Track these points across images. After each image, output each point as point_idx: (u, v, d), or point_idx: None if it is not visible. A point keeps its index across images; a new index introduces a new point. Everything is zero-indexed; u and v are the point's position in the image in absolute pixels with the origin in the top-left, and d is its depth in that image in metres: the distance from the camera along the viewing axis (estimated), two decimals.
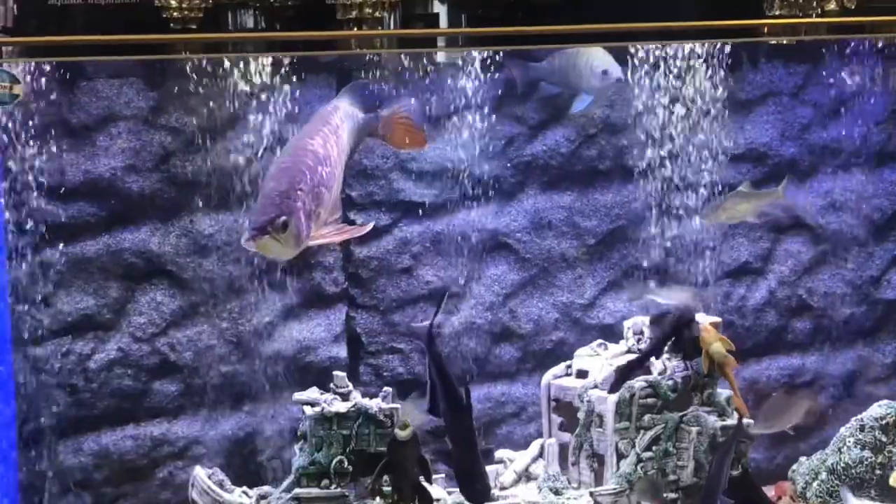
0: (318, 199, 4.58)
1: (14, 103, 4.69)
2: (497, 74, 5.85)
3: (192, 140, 5.51)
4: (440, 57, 5.72)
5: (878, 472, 5.92)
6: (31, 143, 5.23)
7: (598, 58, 5.73)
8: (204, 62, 5.32)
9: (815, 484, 5.98)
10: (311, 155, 4.61)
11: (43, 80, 5.17)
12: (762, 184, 6.33)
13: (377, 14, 4.59)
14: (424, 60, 5.66)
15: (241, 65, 5.36)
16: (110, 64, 5.31)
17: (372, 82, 5.49)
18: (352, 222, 5.80)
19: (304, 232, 4.51)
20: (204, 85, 5.42)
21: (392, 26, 4.71)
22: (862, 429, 6.00)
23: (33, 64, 4.98)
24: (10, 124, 5.15)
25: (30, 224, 5.30)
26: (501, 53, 5.76)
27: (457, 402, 5.22)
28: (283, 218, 4.40)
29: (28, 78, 5.03)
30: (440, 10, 4.92)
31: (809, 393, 6.38)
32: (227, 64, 5.36)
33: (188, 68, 5.37)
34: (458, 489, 5.44)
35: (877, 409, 6.04)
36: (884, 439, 5.96)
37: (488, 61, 5.78)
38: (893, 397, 6.17)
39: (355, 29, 4.63)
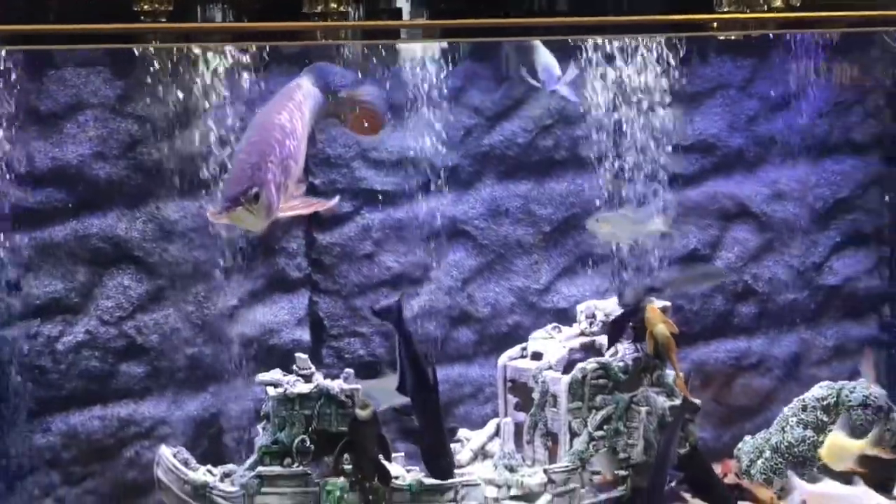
0: (286, 172, 4.61)
1: None
2: (456, 66, 5.88)
3: (159, 128, 5.51)
4: (402, 49, 5.75)
5: (816, 450, 5.98)
6: (1, 129, 5.21)
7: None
8: (171, 52, 5.33)
9: (759, 462, 6.10)
10: (278, 129, 4.62)
11: (11, 68, 5.16)
12: (708, 175, 6.45)
13: (342, 8, 4.59)
14: (386, 52, 5.70)
15: (208, 55, 5.37)
16: (78, 53, 5.30)
17: (333, 65, 5.45)
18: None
19: (275, 203, 4.52)
20: (171, 75, 5.42)
21: (356, 20, 4.74)
22: (804, 409, 6.11)
23: (3, 52, 4.98)
24: None
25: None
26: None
27: (424, 381, 5.26)
28: (255, 189, 4.41)
29: None
30: (403, 5, 4.91)
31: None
32: (193, 54, 5.37)
33: (156, 58, 5.37)
34: (417, 467, 5.52)
35: (818, 391, 6.17)
36: (825, 419, 6.06)
37: (448, 54, 5.82)
38: (834, 379, 6.30)
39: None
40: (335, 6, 4.58)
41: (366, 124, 5.16)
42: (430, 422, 5.31)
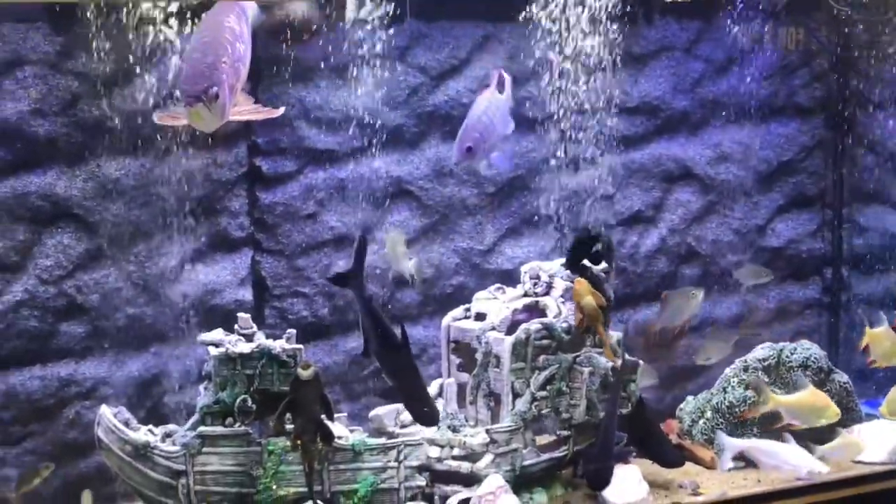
0: (237, 74, 4.68)
1: None
2: (400, 24, 5.85)
3: (100, 85, 5.45)
4: (347, 4, 5.72)
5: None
6: None
7: None
8: (112, 5, 5.29)
9: (700, 422, 6.17)
10: (228, 31, 4.68)
11: None
12: (652, 137, 6.46)
13: None
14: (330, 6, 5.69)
15: (150, 7, 5.32)
16: (15, 6, 5.27)
17: None
18: (258, 167, 5.84)
19: (228, 104, 4.59)
20: (110, 26, 5.36)
21: None
22: (746, 369, 6.18)
23: None
24: None
25: None
26: None
27: (394, 340, 5.24)
28: (215, 88, 4.49)
29: None
30: None
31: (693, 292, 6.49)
32: (133, 5, 5.31)
33: (95, 11, 5.31)
34: (360, 427, 5.54)
35: (760, 352, 6.24)
36: (766, 379, 6.12)
37: (395, 11, 5.78)
38: (775, 340, 6.36)
39: None
40: None
41: (304, 36, 5.31)
42: (408, 376, 5.29)
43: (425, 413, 5.29)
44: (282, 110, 5.18)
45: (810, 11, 6.65)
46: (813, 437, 5.99)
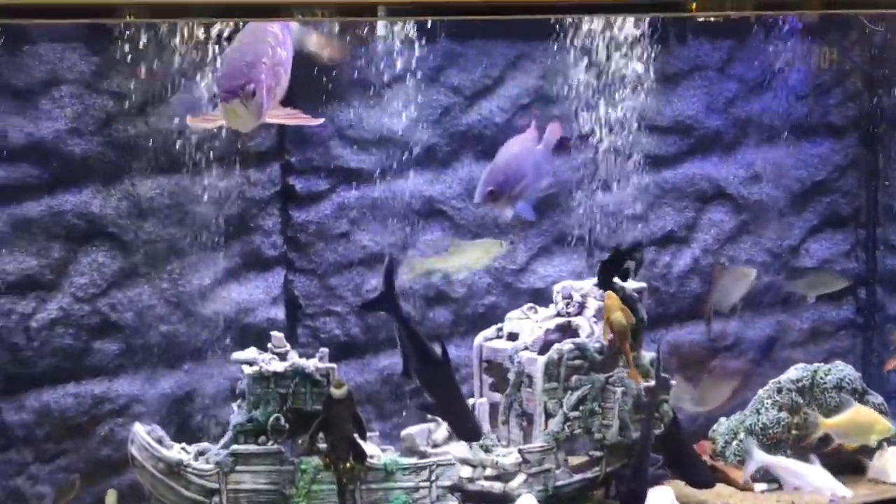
0: (276, 77, 4.69)
1: None
2: (434, 45, 5.88)
3: (135, 105, 5.49)
4: (380, 28, 5.74)
5: (793, 432, 6.07)
6: None
7: None
8: (148, 28, 5.32)
9: (733, 443, 6.15)
10: (271, 35, 4.72)
11: None
12: (685, 157, 6.44)
13: None
14: (363, 29, 5.70)
15: (186, 30, 5.35)
16: (53, 27, 5.28)
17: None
18: (291, 186, 5.86)
19: (265, 105, 4.57)
20: (148, 50, 5.39)
21: None
22: (779, 391, 6.15)
23: None
24: None
25: None
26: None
27: (434, 357, 5.24)
28: (252, 85, 4.48)
29: None
30: None
31: (735, 373, 6.48)
32: (171, 29, 5.35)
33: (133, 33, 5.34)
34: (392, 446, 5.54)
35: (793, 372, 6.21)
36: (800, 401, 6.11)
37: (427, 33, 5.80)
38: (809, 361, 6.33)
39: None
40: None
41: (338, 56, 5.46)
42: (449, 392, 5.31)
43: (469, 428, 5.32)
44: (321, 120, 5.21)
45: (844, 30, 6.63)
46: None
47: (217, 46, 5.36)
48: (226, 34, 5.34)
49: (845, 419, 5.94)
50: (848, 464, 6.05)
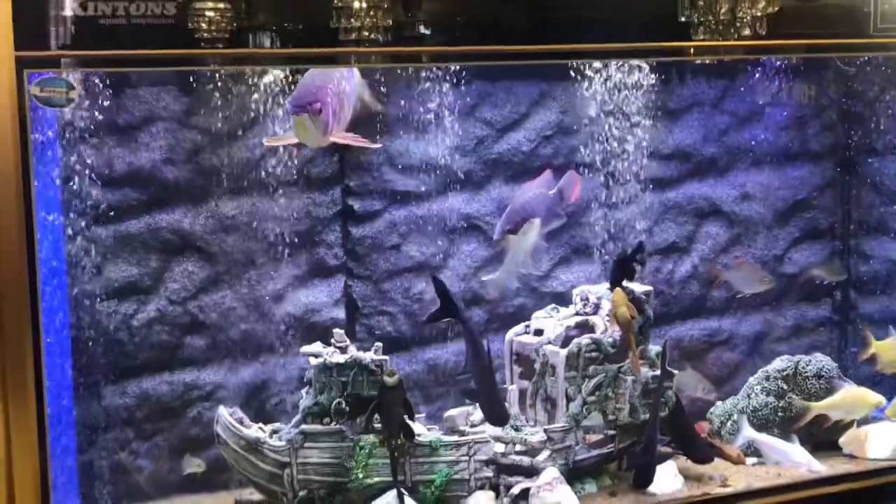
0: (340, 104, 4.73)
1: (69, 106, 4.63)
2: (470, 85, 5.90)
3: (218, 138, 5.52)
4: (423, 71, 5.75)
5: (779, 413, 6.08)
6: (88, 139, 5.24)
7: None
8: (228, 73, 5.36)
9: (728, 424, 6.16)
10: (336, 72, 4.76)
11: (97, 87, 5.18)
12: (685, 179, 6.47)
13: (373, 36, 4.61)
14: (410, 72, 5.72)
15: (259, 76, 5.39)
16: (151, 73, 5.33)
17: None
18: (350, 206, 5.89)
19: (331, 125, 4.63)
20: (229, 92, 5.43)
21: (385, 46, 4.77)
22: (767, 378, 6.17)
23: (87, 73, 4.97)
24: (66, 124, 5.15)
25: (86, 207, 5.31)
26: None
27: (483, 356, 5.30)
28: (319, 104, 4.54)
29: (82, 85, 5.03)
30: (426, 33, 4.92)
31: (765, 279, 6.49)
32: (247, 75, 5.39)
33: (216, 78, 5.39)
34: (436, 426, 5.58)
35: (779, 363, 6.23)
36: (785, 387, 6.12)
37: (463, 75, 5.84)
38: (793, 353, 6.34)
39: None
40: (367, 34, 4.61)
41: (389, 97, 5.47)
42: (486, 382, 5.34)
43: (497, 414, 5.36)
44: (379, 145, 5.22)
45: (821, 70, 6.59)
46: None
47: (287, 87, 5.40)
48: (292, 77, 5.40)
49: (839, 399, 5.95)
50: (826, 443, 6.06)
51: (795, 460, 5.80)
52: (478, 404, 5.51)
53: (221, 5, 4.40)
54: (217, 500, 5.47)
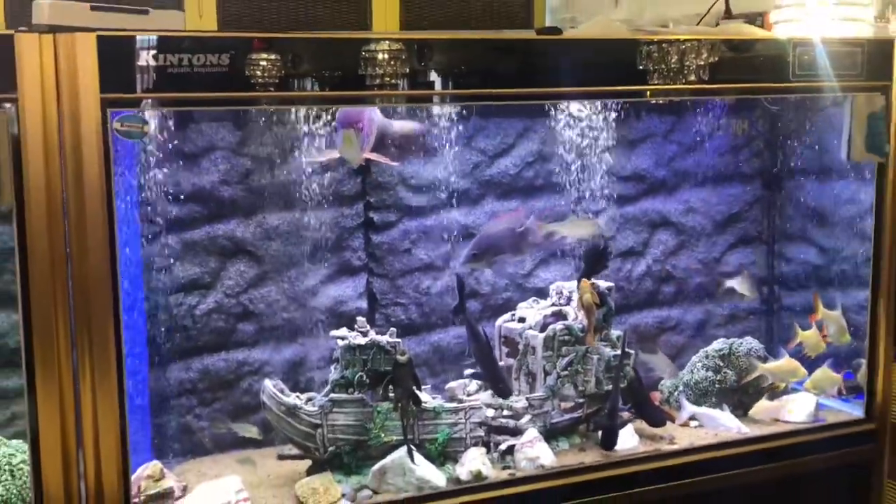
0: (371, 129, 4.87)
1: (144, 138, 4.62)
2: (469, 121, 5.92)
3: (265, 163, 5.56)
4: (434, 109, 5.77)
5: (716, 386, 6.07)
6: (159, 165, 5.29)
7: None
8: (274, 112, 5.41)
9: (675, 394, 6.16)
10: (367, 108, 4.88)
11: (167, 122, 5.21)
12: (641, 196, 6.45)
13: (393, 81, 4.67)
14: (422, 112, 5.73)
15: (301, 113, 5.41)
16: (210, 112, 5.39)
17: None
18: (371, 218, 5.90)
19: (366, 145, 4.77)
20: (274, 126, 5.47)
21: (403, 89, 4.78)
22: (707, 356, 6.17)
23: (160, 112, 4.99)
24: (144, 153, 5.20)
25: (158, 219, 5.36)
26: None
27: (482, 340, 5.39)
28: (361, 124, 4.69)
29: (156, 121, 5.05)
30: (435, 79, 4.92)
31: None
32: (291, 113, 5.42)
33: (260, 115, 5.44)
34: (439, 395, 5.58)
35: (717, 344, 6.23)
36: (721, 364, 6.12)
37: (464, 112, 5.85)
38: (728, 336, 6.35)
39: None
40: (388, 80, 4.65)
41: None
42: (489, 364, 5.40)
43: (501, 389, 5.41)
44: (399, 163, 5.35)
45: (752, 108, 6.60)
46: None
47: (323, 121, 5.41)
48: (326, 115, 5.42)
49: (781, 363, 5.96)
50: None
51: (727, 425, 5.81)
52: (487, 383, 5.50)
53: (273, 56, 4.41)
54: (263, 454, 5.48)
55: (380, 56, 4.53)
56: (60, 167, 4.15)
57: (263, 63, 4.40)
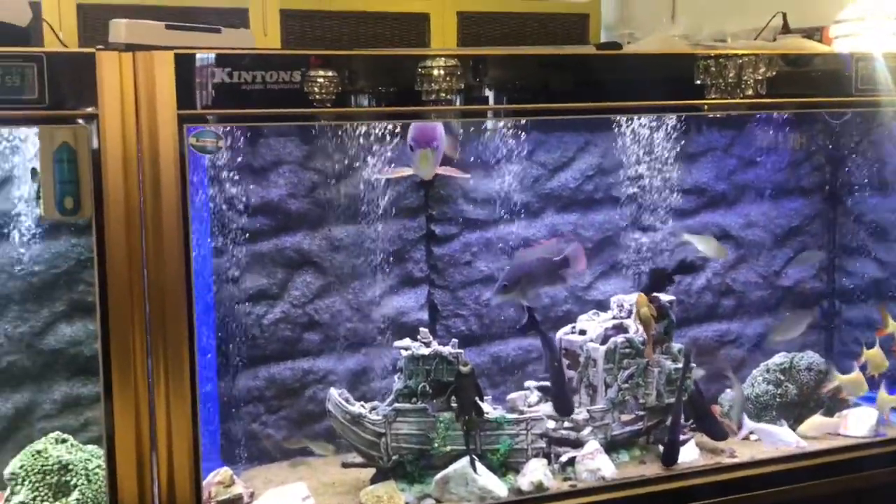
0: (441, 146, 4.95)
1: (217, 152, 4.69)
2: (528, 135, 5.90)
3: (330, 177, 5.59)
4: (489, 124, 5.77)
5: (777, 399, 6.00)
6: (230, 178, 5.35)
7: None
8: (337, 127, 5.43)
9: (735, 407, 6.06)
10: (437, 124, 4.96)
11: (237, 138, 5.29)
12: (701, 210, 6.41)
13: (448, 97, 4.70)
14: (478, 126, 5.74)
15: (361, 128, 5.45)
16: (278, 127, 5.42)
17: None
18: (432, 231, 5.90)
19: (438, 161, 4.87)
20: (336, 141, 5.51)
21: (458, 104, 4.80)
22: (767, 370, 6.11)
23: (230, 127, 5.06)
24: (216, 167, 5.25)
25: (228, 231, 5.41)
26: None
27: (557, 355, 5.41)
28: (436, 143, 4.80)
29: (227, 136, 5.12)
30: (489, 94, 4.93)
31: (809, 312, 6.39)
32: (351, 128, 5.46)
33: (326, 130, 5.47)
34: (500, 406, 5.57)
35: (778, 358, 6.17)
36: (782, 378, 6.05)
37: (522, 126, 5.84)
38: (789, 350, 6.27)
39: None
40: (444, 95, 4.67)
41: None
42: (558, 379, 5.40)
43: (562, 408, 5.39)
44: (469, 175, 5.32)
45: (813, 122, 6.52)
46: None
47: (386, 137, 5.45)
48: (385, 131, 5.46)
49: (853, 377, 5.88)
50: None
51: (786, 440, 5.75)
52: (551, 398, 5.48)
53: (330, 73, 4.45)
54: (328, 462, 5.51)
55: (435, 72, 4.56)
56: (138, 181, 4.23)
57: (321, 80, 4.44)
